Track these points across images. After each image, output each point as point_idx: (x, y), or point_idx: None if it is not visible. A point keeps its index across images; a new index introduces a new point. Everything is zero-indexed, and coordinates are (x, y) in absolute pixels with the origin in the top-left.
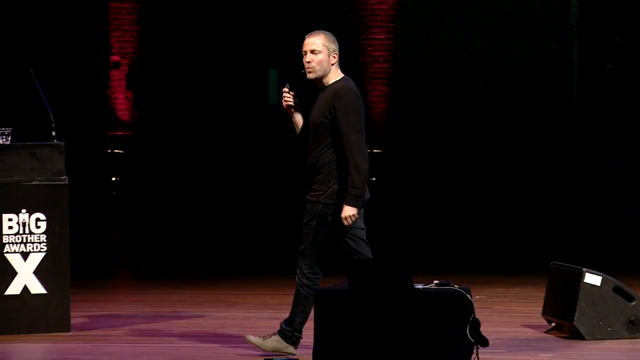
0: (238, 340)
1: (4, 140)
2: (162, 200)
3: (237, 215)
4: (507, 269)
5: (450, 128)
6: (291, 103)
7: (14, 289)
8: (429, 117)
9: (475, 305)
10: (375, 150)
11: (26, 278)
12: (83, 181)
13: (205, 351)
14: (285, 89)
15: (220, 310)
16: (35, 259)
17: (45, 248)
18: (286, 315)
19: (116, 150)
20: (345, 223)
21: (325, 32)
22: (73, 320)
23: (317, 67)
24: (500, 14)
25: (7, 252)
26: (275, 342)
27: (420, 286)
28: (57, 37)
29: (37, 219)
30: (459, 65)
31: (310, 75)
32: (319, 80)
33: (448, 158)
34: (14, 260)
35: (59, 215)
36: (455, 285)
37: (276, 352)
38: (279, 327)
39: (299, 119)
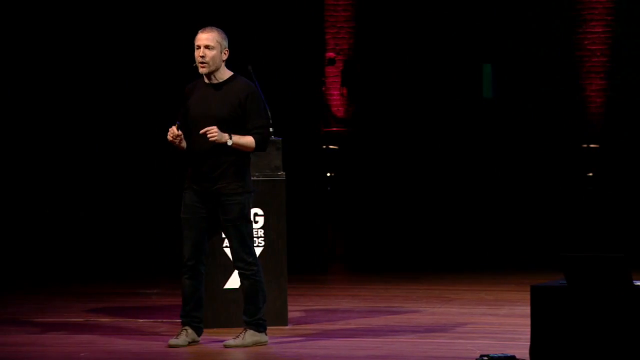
0: (453, 336)
1: None
2: (377, 196)
3: (449, 211)
4: None
5: None
6: (176, 142)
7: (232, 282)
8: None
9: None
10: (592, 146)
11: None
12: (299, 177)
13: (420, 346)
14: (174, 128)
15: (435, 305)
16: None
17: (263, 243)
18: (502, 311)
19: (331, 146)
20: (210, 133)
21: (218, 28)
22: (290, 314)
23: (211, 62)
24: None
25: (226, 247)
26: (250, 336)
27: None
28: (275, 34)
29: (255, 214)
30: None
31: (203, 70)
32: (209, 74)
33: None
34: None
35: (276, 210)
36: None
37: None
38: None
39: (183, 144)
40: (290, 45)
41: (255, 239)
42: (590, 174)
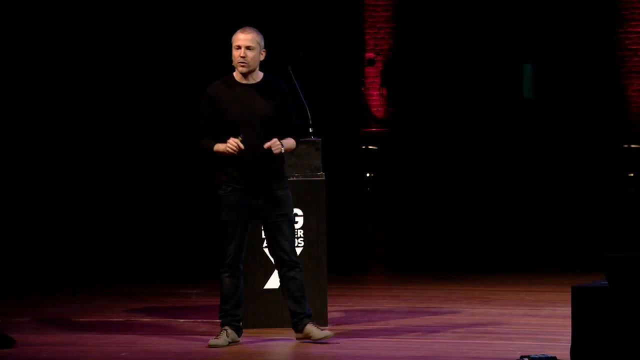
0: (493, 337)
1: None
2: (416, 196)
3: (489, 211)
4: None
5: None
6: (236, 152)
7: (272, 283)
8: None
9: None
10: (633, 146)
11: None
12: (338, 177)
13: (460, 347)
14: (239, 140)
15: (475, 306)
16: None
17: (302, 243)
18: (543, 312)
19: (370, 147)
20: (275, 146)
21: (255, 29)
22: (330, 315)
23: (251, 63)
24: None
25: (266, 247)
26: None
27: None
28: (314, 35)
29: (295, 215)
30: None
31: (242, 69)
32: (246, 74)
33: None
34: None
35: (316, 210)
36: None
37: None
38: (306, 319)
39: None
40: (329, 46)
41: (294, 239)
42: (632, 175)
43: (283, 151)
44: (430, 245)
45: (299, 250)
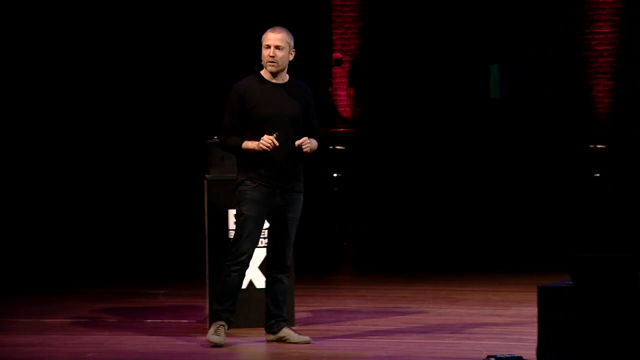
0: (460, 337)
1: None
2: (384, 196)
3: (456, 211)
4: None
5: None
6: (270, 149)
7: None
8: None
9: None
10: (599, 146)
11: (252, 273)
12: (306, 177)
13: (427, 347)
14: (274, 137)
15: (442, 306)
16: (260, 254)
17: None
18: (509, 312)
19: (338, 147)
20: (306, 144)
21: (285, 28)
22: (297, 315)
23: (280, 62)
24: None
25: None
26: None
27: None
28: None
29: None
30: None
31: (272, 69)
32: (275, 74)
33: None
34: None
35: None
36: None
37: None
38: (283, 322)
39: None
40: (296, 46)
41: (261, 239)
42: (598, 175)
43: (310, 151)
44: (398, 245)
45: (265, 250)
